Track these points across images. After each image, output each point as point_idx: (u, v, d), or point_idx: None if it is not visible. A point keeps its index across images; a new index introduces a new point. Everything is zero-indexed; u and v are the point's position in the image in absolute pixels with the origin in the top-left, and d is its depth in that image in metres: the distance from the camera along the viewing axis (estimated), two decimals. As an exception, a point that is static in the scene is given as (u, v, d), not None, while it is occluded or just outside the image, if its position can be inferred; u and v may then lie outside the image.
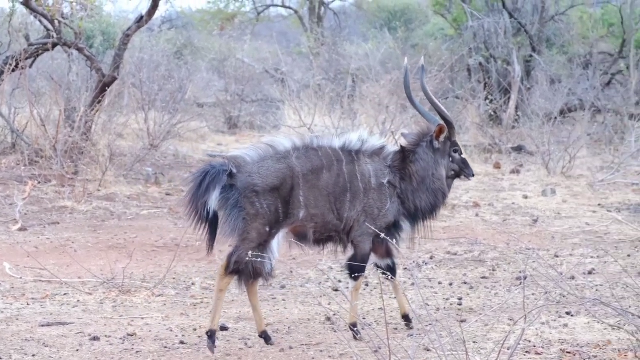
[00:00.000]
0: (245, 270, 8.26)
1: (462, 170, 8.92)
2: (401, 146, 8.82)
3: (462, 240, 9.76)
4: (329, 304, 9.82)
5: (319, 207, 8.43)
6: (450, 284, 10.93)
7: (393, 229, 8.75)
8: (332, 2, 35.04)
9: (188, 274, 11.42)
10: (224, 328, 8.96)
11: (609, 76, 27.75)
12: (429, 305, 9.92)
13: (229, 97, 28.28)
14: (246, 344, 8.52)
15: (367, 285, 10.85)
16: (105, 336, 8.70)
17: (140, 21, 16.99)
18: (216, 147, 23.40)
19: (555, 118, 20.20)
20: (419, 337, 8.24)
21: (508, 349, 7.59)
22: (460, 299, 10.20)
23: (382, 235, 8.01)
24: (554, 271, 10.17)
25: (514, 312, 9.61)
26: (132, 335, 8.73)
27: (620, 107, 24.20)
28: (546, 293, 10.19)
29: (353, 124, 17.41)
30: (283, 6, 34.89)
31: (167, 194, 16.69)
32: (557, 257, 12.31)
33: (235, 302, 10.15)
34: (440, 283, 11.00)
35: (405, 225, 8.83)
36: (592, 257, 12.24)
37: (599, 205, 16.19)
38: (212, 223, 8.30)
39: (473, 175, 9.06)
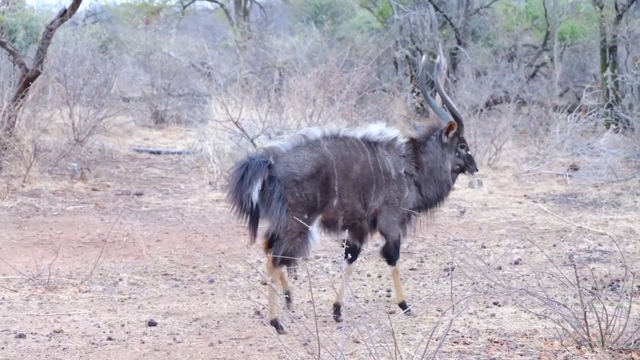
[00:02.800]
0: (292, 260, 8.53)
1: (467, 165, 9.40)
2: (411, 137, 9.19)
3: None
4: (257, 298, 9.80)
5: (350, 196, 8.74)
6: (379, 276, 10.97)
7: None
8: (258, -5, 34.97)
9: (115, 269, 11.31)
10: (152, 323, 8.90)
11: (533, 68, 28.09)
12: (358, 298, 9.94)
13: (155, 91, 28.10)
14: (175, 338, 8.46)
15: (295, 278, 10.84)
16: (32, 333, 8.57)
17: (64, 15, 16.76)
18: (143, 142, 23.25)
19: (481, 110, 20.38)
20: (348, 329, 8.25)
21: (436, 340, 7.62)
22: (389, 290, 10.24)
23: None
24: (481, 262, 10.26)
25: (442, 302, 9.67)
26: (58, 332, 8.62)
27: (545, 99, 24.48)
28: (473, 283, 10.27)
29: (280, 118, 17.35)
30: (209, -1, 34.75)
31: (93, 189, 16.53)
32: (484, 247, 12.42)
33: (164, 298, 10.08)
34: (369, 275, 11.04)
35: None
36: (518, 248, 12.36)
37: (525, 196, 16.36)
38: (254, 214, 8.53)
39: (477, 170, 9.52)
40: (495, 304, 9.51)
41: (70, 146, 18.61)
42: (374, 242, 12.54)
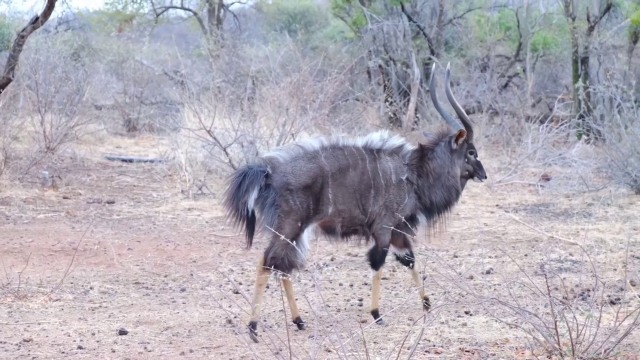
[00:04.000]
0: (281, 264, 8.71)
1: (476, 172, 9.60)
2: (420, 144, 9.38)
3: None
4: (229, 307, 9.76)
5: (346, 203, 8.97)
6: (351, 285, 10.96)
7: (410, 222, 9.32)
8: (232, 4, 34.86)
9: (86, 278, 11.25)
10: (122, 332, 8.85)
11: (505, 79, 28.20)
12: (329, 307, 9.93)
13: (128, 99, 28.00)
14: (146, 347, 8.42)
15: (267, 287, 10.82)
16: (0, 342, 8.51)
17: (36, 22, 16.66)
18: (115, 150, 23.14)
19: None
20: (320, 338, 8.23)
21: (408, 349, 7.62)
22: (360, 299, 10.23)
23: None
24: (452, 271, 10.24)
25: (414, 312, 9.67)
26: (28, 341, 8.56)
27: (517, 109, 24.56)
28: (445, 293, 10.28)
29: (253, 127, 17.31)
30: (182, 8, 34.52)
31: (65, 197, 16.44)
32: (456, 257, 12.43)
33: (135, 306, 10.03)
34: (341, 284, 11.02)
35: (422, 218, 9.48)
36: (490, 257, 12.38)
37: (497, 205, 16.39)
38: (250, 220, 8.83)
39: (485, 177, 9.70)
40: (466, 313, 9.52)
41: (41, 154, 18.50)
42: (346, 252, 12.55)
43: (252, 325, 8.68)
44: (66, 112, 20.10)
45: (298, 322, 9.14)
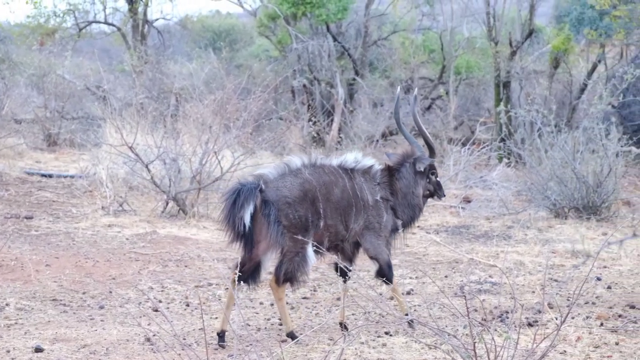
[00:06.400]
0: (293, 279, 9.11)
1: (436, 191, 9.96)
2: (387, 165, 9.73)
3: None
4: (148, 325, 9.67)
5: (333, 218, 9.23)
6: (272, 304, 10.92)
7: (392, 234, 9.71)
8: (156, 20, 34.65)
9: (2, 294, 11.06)
10: (38, 350, 8.72)
11: (429, 101, 28.45)
12: (250, 326, 9.88)
13: (49, 113, 27.66)
14: (62, 366, 8.30)
15: (187, 305, 10.74)
16: None
17: (-44, 33, 16.44)
18: (34, 165, 22.84)
19: (377, 141, 20.50)
20: (240, 357, 8.18)
21: (328, 369, 7.60)
22: (281, 319, 10.19)
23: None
24: (373, 291, 10.28)
25: (334, 332, 9.67)
26: (-60, 358, 8.40)
27: (440, 131, 24.79)
28: (366, 313, 10.30)
29: (176, 144, 17.20)
30: (106, 23, 34.18)
31: (-18, 212, 16.18)
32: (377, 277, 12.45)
33: (52, 323, 9.88)
34: (261, 303, 10.98)
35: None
36: (410, 278, 12.43)
37: (418, 227, 16.47)
38: (248, 236, 8.99)
39: (444, 196, 10.06)
40: (386, 333, 9.54)
41: (-42, 167, 18.21)
42: (267, 271, 12.50)
43: (291, 335, 9.23)
44: (-15, 126, 19.81)
45: (221, 335, 9.10)
